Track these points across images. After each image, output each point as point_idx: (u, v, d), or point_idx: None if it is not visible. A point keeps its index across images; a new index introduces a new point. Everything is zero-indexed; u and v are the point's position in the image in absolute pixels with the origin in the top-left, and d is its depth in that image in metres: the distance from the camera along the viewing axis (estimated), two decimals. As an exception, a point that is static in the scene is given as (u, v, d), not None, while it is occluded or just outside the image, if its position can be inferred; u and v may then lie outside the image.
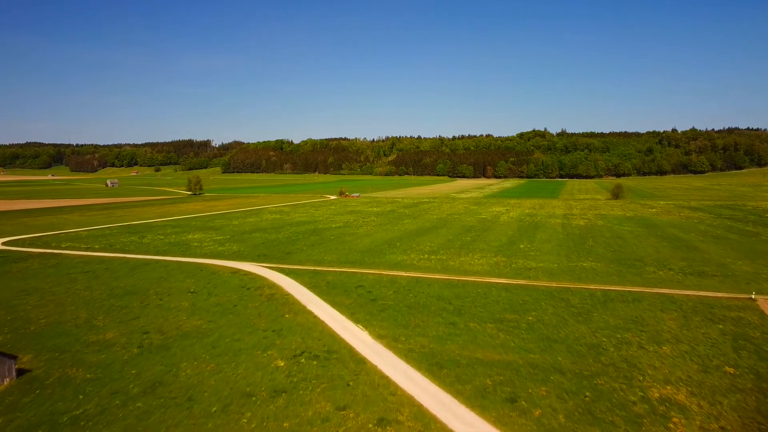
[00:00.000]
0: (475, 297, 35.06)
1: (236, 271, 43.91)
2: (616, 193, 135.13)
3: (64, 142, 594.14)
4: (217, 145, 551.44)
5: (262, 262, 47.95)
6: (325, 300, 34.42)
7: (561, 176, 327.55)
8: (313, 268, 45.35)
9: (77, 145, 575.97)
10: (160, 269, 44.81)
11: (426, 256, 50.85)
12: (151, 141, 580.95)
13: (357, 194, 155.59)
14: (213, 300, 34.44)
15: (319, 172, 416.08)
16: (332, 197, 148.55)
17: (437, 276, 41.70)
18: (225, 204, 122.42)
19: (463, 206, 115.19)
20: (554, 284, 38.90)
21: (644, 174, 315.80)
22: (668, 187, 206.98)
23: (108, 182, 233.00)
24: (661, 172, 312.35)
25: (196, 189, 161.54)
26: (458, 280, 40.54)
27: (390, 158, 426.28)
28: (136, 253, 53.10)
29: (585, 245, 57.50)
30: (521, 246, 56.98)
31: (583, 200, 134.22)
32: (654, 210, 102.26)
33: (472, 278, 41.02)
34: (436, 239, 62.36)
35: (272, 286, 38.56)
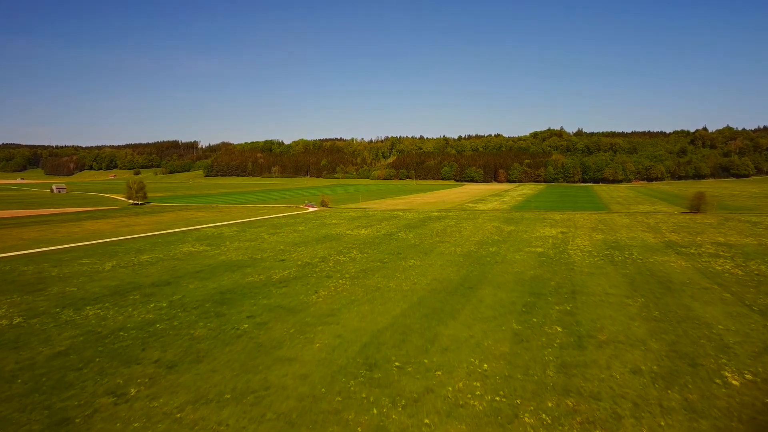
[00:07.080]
0: None
1: None
2: (697, 205, 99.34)
3: (43, 144, 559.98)
4: (204, 147, 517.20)
5: None
6: None
7: (584, 180, 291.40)
8: None
9: (56, 147, 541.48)
10: None
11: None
12: (133, 142, 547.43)
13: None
14: None
15: (311, 176, 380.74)
16: (311, 209, 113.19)
17: None
18: (152, 221, 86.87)
19: (492, 225, 79.19)
20: None
21: (679, 178, 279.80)
22: (726, 195, 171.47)
23: (53, 187, 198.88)
24: (699, 176, 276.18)
25: (138, 197, 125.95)
26: None
27: (389, 160, 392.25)
28: None
29: None
30: (716, 380, 21.12)
31: (654, 215, 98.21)
32: (791, 235, 66.18)
33: None
34: (486, 340, 25.35)
35: None
